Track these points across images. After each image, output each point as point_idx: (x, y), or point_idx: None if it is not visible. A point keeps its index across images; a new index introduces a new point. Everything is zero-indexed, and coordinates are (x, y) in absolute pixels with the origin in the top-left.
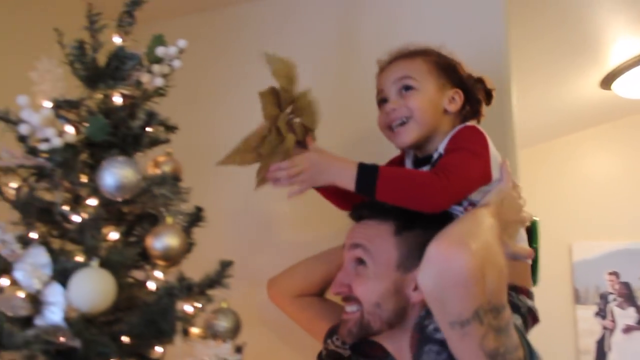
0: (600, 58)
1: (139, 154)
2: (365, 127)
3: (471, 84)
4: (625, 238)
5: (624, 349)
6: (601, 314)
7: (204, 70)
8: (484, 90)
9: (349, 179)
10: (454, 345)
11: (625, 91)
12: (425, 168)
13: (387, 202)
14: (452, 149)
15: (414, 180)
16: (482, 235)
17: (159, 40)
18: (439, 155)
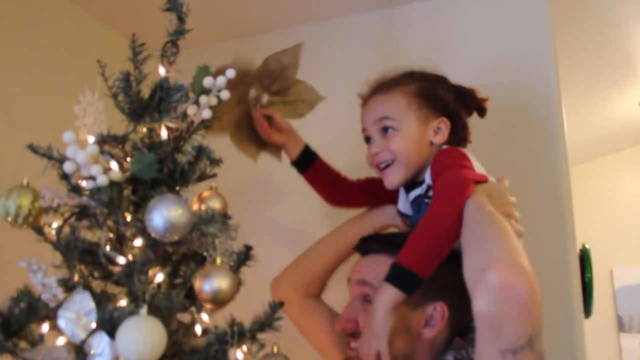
0: None
1: (184, 189)
2: None
3: (456, 108)
4: None
5: None
6: None
7: None
8: (475, 102)
9: (393, 293)
10: None
11: None
12: (417, 190)
13: (436, 264)
14: (438, 173)
15: (429, 234)
16: (520, 247)
17: (205, 70)
18: (428, 186)
